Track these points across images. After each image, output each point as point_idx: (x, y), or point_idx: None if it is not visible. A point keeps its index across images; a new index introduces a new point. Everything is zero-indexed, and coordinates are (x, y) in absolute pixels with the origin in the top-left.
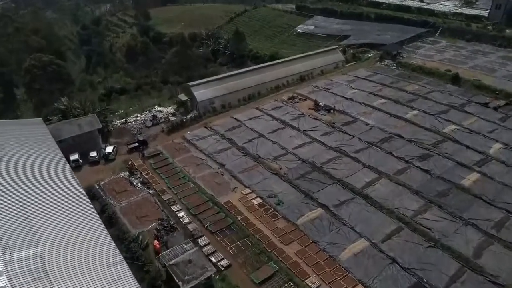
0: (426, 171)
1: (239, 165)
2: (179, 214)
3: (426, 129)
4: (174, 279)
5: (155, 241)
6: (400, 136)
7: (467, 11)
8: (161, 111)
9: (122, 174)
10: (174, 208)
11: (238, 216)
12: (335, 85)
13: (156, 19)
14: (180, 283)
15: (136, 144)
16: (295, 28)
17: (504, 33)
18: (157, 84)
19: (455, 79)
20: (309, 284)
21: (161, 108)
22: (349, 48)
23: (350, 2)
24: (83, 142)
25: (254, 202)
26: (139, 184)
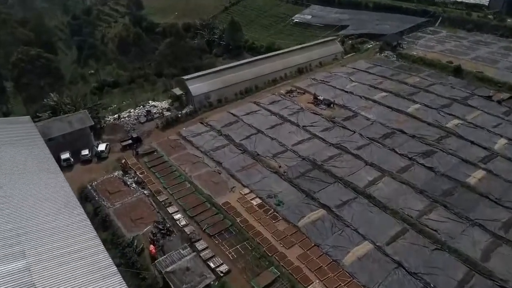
0: (430, 168)
1: (237, 163)
2: (176, 216)
3: (429, 124)
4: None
5: (151, 245)
6: (402, 132)
7: None
8: (155, 106)
9: (116, 173)
10: (170, 209)
11: (237, 218)
12: (334, 77)
13: (149, 8)
14: None
15: (130, 141)
16: (292, 17)
17: (505, 22)
18: (150, 77)
19: (457, 71)
20: None
21: (155, 103)
22: (348, 39)
23: None
24: (74, 140)
25: (253, 202)
26: (133, 184)
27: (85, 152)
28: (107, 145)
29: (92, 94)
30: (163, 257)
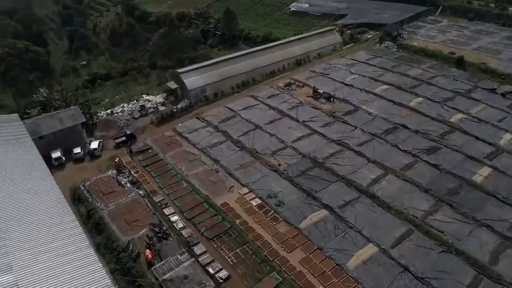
0: (434, 165)
1: (235, 161)
2: (172, 218)
3: (432, 118)
4: None
5: (147, 250)
6: (405, 127)
7: None
8: (149, 101)
9: (109, 172)
10: (167, 211)
11: (236, 220)
12: (333, 69)
13: None
14: None
15: (124, 138)
16: (289, 6)
17: (507, 11)
18: (144, 69)
19: (459, 62)
20: None
21: (150, 97)
22: (346, 29)
23: None
24: (65, 138)
25: (253, 203)
26: (128, 184)
27: (77, 150)
28: (100, 142)
29: (84, 88)
30: (160, 264)
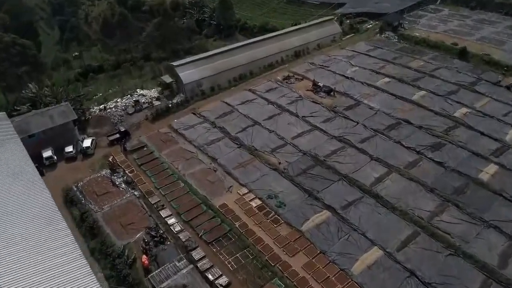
0: (439, 163)
1: (233, 159)
2: (169, 221)
3: (436, 113)
4: None
5: (144, 256)
6: (408, 122)
7: None
8: (143, 95)
9: (103, 172)
10: (163, 213)
11: (236, 222)
12: (333, 61)
13: None
14: None
15: (117, 135)
16: None
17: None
18: (138, 61)
19: (462, 53)
20: None
21: (144, 91)
22: (346, 18)
23: None
24: (56, 136)
25: (253, 204)
26: (122, 184)
27: (69, 149)
28: (92, 140)
29: (76, 81)
30: (157, 271)
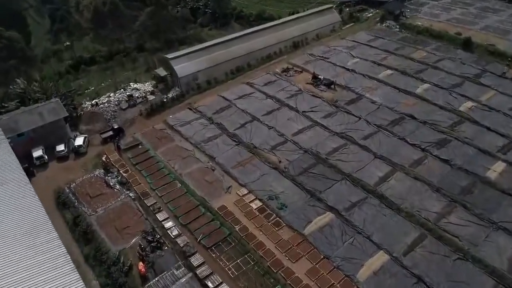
0: (445, 161)
1: (232, 157)
2: (166, 225)
3: (441, 107)
4: None
5: (140, 263)
6: (412, 117)
7: None
8: (137, 89)
9: (97, 172)
10: (160, 216)
11: (236, 226)
12: (333, 52)
13: None
14: None
15: (111, 132)
16: None
17: None
18: (131, 52)
19: (466, 44)
20: None
21: (138, 85)
22: (345, 6)
23: None
24: (47, 134)
25: (253, 206)
26: (117, 185)
27: (61, 147)
28: (85, 138)
29: (67, 73)
30: (154, 280)
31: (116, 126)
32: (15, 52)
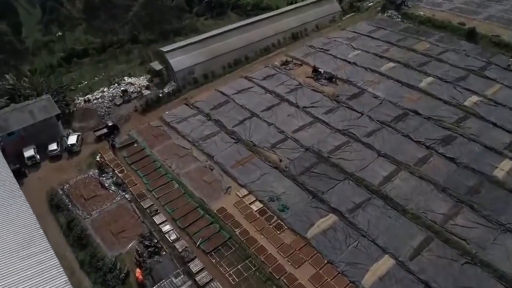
0: (451, 159)
1: (230, 156)
2: (164, 228)
3: (445, 102)
4: None
5: (137, 269)
6: (416, 113)
7: None
8: (132, 84)
9: (91, 172)
10: (157, 219)
11: (236, 229)
12: (333, 44)
13: None
14: None
15: (105, 130)
16: None
17: None
18: (125, 43)
19: (470, 34)
20: None
21: (132, 80)
22: None
23: None
24: (39, 133)
25: (253, 207)
26: (112, 186)
27: (53, 146)
28: (78, 136)
29: (59, 66)
30: None
31: (111, 124)
32: (3, 45)
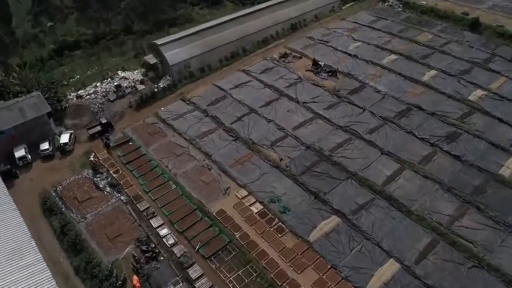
0: (456, 157)
1: (229, 154)
2: (161, 232)
3: (449, 96)
4: None
5: (134, 276)
6: (419, 108)
7: None
8: (126, 78)
9: (85, 172)
10: (154, 222)
11: (236, 233)
12: (333, 35)
13: None
14: None
15: (99, 127)
16: None
17: None
18: (118, 35)
19: (474, 25)
20: None
21: (126, 74)
22: None
23: None
24: (29, 131)
25: (253, 209)
26: (107, 187)
27: (45, 146)
28: (71, 134)
29: (50, 59)
30: None
31: (104, 121)
32: None
